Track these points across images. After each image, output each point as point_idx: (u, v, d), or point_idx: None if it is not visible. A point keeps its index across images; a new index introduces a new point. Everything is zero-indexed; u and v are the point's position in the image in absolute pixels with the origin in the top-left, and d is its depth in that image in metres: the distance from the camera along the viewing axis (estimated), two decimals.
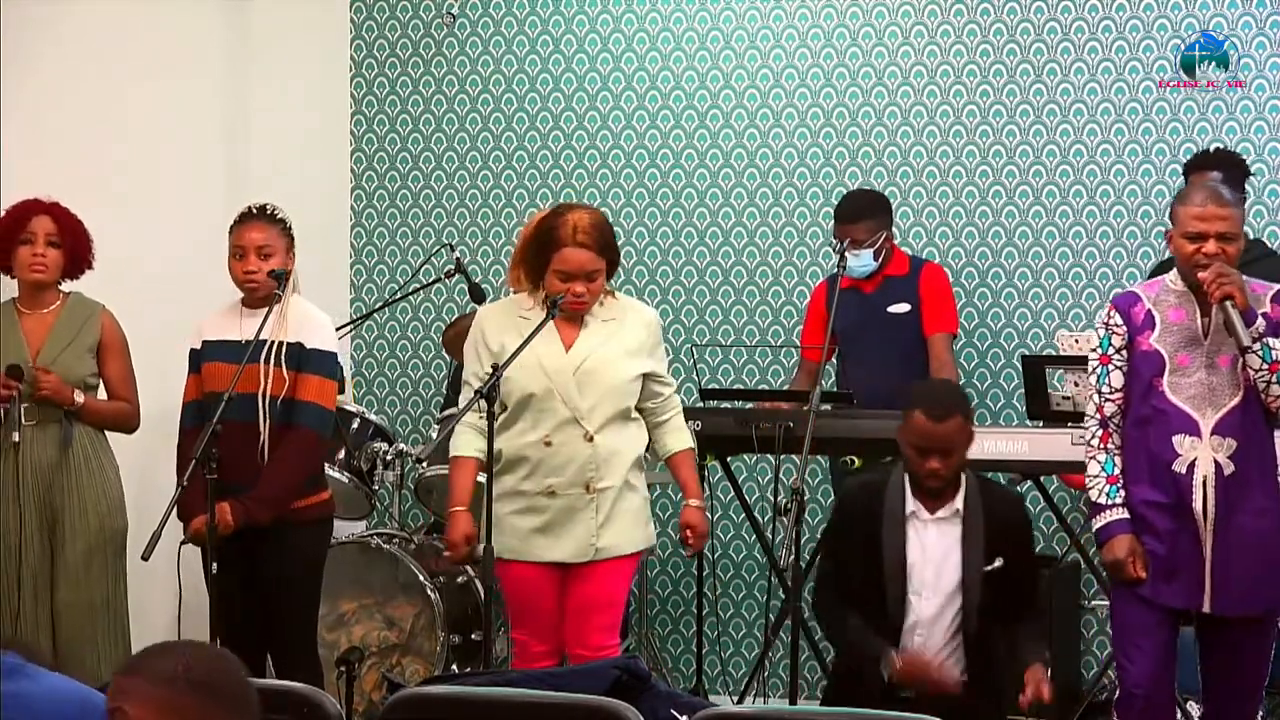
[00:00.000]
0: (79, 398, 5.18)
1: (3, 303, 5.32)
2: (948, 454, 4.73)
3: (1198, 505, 4.39)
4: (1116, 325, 4.53)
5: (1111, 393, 4.53)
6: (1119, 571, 4.50)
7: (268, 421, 4.96)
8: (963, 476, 4.83)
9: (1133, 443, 4.51)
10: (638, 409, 4.96)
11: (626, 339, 4.92)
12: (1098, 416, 4.56)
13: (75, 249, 5.26)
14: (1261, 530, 4.41)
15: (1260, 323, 4.34)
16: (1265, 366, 4.34)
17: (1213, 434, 4.39)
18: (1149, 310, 4.50)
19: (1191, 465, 4.40)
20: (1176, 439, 4.41)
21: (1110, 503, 4.51)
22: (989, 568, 4.76)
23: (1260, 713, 4.73)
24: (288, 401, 5.00)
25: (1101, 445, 4.55)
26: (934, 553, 4.79)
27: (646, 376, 4.95)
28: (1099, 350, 4.56)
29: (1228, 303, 4.31)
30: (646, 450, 5.04)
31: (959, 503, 4.79)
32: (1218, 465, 4.39)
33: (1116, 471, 4.52)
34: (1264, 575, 4.42)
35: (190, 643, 2.70)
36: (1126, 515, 4.50)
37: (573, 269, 4.82)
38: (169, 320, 5.43)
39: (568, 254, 4.81)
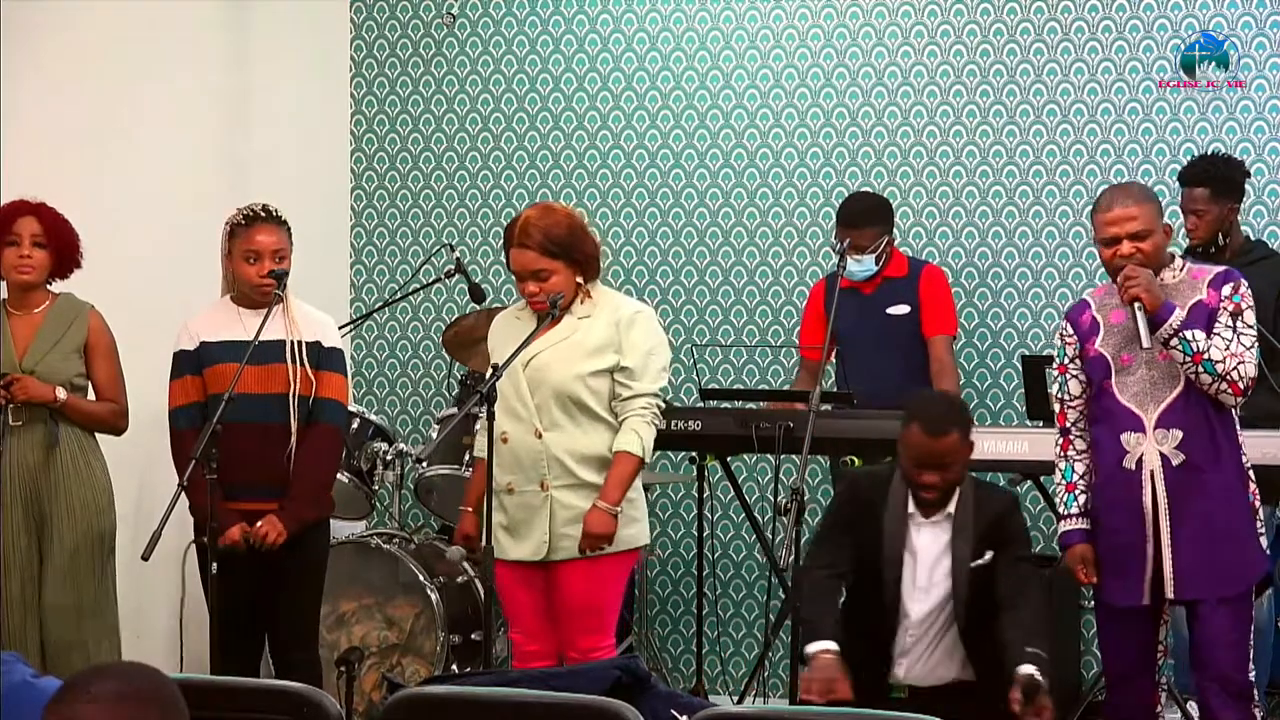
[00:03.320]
0: (61, 394, 5.17)
1: None
2: (945, 468, 4.75)
3: (1147, 500, 4.54)
4: (1068, 335, 4.71)
5: (1070, 400, 4.72)
6: (1072, 577, 4.76)
7: (297, 421, 5.00)
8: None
9: (1094, 444, 4.67)
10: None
11: (590, 336, 4.88)
12: (1059, 425, 4.74)
13: (62, 249, 5.25)
14: (1219, 512, 4.52)
15: (1177, 316, 4.45)
16: (1189, 359, 4.46)
17: (1156, 428, 4.53)
18: (1094, 316, 4.66)
19: (1139, 461, 4.54)
20: (1124, 436, 4.56)
21: (1067, 512, 4.72)
22: (977, 563, 4.78)
23: (1260, 713, 4.72)
24: (311, 400, 5.04)
25: (1062, 453, 4.74)
26: (926, 555, 4.81)
27: (613, 373, 4.90)
28: (1057, 360, 4.75)
29: (1134, 305, 4.45)
30: None
31: (952, 506, 4.82)
32: (1164, 457, 4.52)
33: (1075, 479, 4.70)
34: (1224, 556, 4.53)
35: (112, 664, 2.65)
36: (1082, 525, 4.69)
37: (518, 269, 4.87)
38: (168, 320, 5.42)
39: (514, 254, 4.87)
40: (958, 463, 4.76)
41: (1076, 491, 4.69)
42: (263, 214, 5.10)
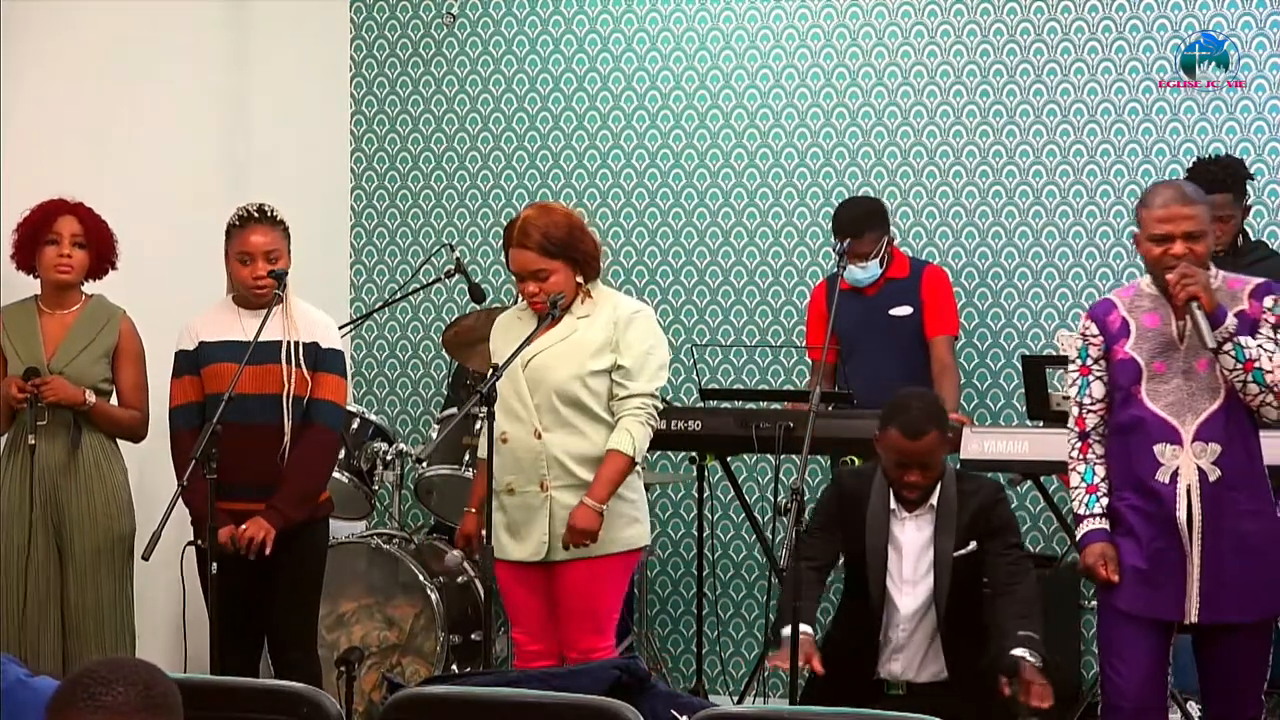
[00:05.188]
0: (90, 397, 5.18)
1: (25, 300, 5.31)
2: (926, 467, 4.82)
3: (1181, 515, 4.33)
4: (1093, 335, 4.47)
5: (1092, 404, 4.48)
6: (1091, 576, 4.47)
7: (291, 422, 4.98)
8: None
9: (1116, 450, 4.45)
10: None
11: (589, 336, 4.88)
12: (1077, 429, 4.51)
13: (100, 249, 5.27)
14: (1253, 533, 4.36)
15: (1231, 322, 4.25)
16: (1239, 366, 4.25)
17: (1194, 440, 4.32)
18: (1124, 317, 4.43)
19: (1174, 474, 4.34)
20: (1158, 448, 4.35)
21: (1088, 512, 4.47)
22: (960, 552, 4.83)
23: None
24: (306, 401, 5.03)
25: (1081, 456, 4.50)
26: (911, 549, 4.88)
27: (611, 372, 4.89)
28: (1078, 361, 4.50)
29: (1193, 304, 4.24)
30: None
31: (934, 499, 4.88)
32: (1202, 472, 4.32)
33: (1096, 481, 4.47)
34: (1256, 579, 4.37)
35: (111, 663, 2.60)
36: (1104, 525, 4.45)
37: (517, 269, 4.88)
38: (167, 320, 5.42)
39: (513, 254, 4.87)
40: (938, 460, 4.84)
41: (1099, 494, 4.44)
42: (256, 214, 5.10)
